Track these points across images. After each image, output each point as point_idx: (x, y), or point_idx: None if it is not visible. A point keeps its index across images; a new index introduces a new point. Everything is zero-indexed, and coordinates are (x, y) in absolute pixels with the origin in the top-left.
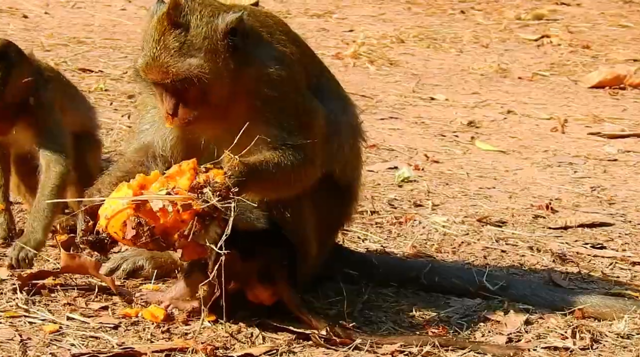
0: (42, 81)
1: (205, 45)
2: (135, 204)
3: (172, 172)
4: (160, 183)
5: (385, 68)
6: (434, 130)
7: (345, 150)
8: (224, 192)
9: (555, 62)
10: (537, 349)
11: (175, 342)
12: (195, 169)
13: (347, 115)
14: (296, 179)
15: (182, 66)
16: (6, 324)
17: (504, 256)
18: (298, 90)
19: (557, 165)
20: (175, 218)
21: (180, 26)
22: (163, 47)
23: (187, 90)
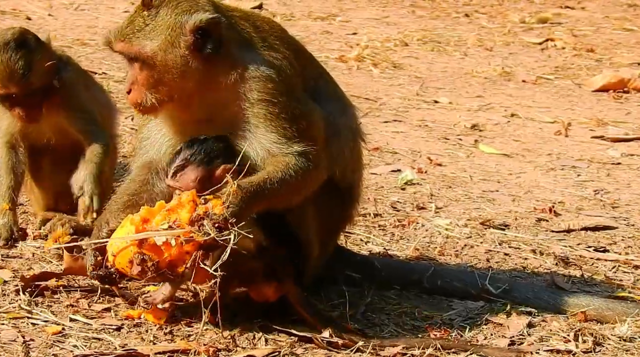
0: (62, 64)
1: (166, 35)
2: (139, 240)
3: (173, 205)
4: (162, 216)
5: (389, 71)
6: (438, 134)
7: (346, 152)
8: (222, 223)
9: (560, 65)
10: (540, 352)
11: (178, 343)
12: (194, 201)
13: (346, 117)
14: (303, 186)
15: (136, 44)
16: (9, 325)
17: (507, 259)
18: (291, 94)
19: (561, 168)
20: (179, 250)
21: (151, 8)
22: (130, 22)
23: (141, 71)
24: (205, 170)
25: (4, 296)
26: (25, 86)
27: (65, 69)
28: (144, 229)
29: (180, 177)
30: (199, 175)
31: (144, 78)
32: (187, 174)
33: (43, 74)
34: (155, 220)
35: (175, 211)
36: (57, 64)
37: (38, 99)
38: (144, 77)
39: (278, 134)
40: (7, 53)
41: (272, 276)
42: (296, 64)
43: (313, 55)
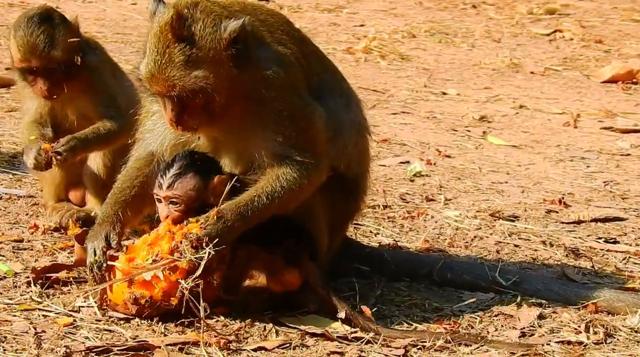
0: (89, 48)
1: (210, 57)
2: (129, 280)
3: (152, 238)
4: (146, 252)
5: (397, 63)
6: (446, 125)
7: (349, 148)
8: (196, 242)
9: (568, 56)
10: (551, 344)
11: (189, 335)
12: (170, 231)
13: (350, 113)
14: (299, 193)
15: (188, 79)
16: (21, 317)
17: (517, 250)
18: (295, 91)
19: (570, 160)
20: (168, 281)
21: (184, 39)
22: (168, 61)
23: (191, 100)
24: (201, 180)
25: (15, 288)
26: (47, 59)
27: (92, 53)
28: (130, 268)
29: (178, 186)
30: (196, 184)
31: (196, 106)
32: (185, 182)
33: (65, 50)
34: (139, 257)
35: (157, 244)
36: (81, 43)
37: (59, 75)
38: (196, 105)
39: (279, 132)
40: (31, 27)
41: (293, 262)
42: (302, 60)
43: (318, 48)
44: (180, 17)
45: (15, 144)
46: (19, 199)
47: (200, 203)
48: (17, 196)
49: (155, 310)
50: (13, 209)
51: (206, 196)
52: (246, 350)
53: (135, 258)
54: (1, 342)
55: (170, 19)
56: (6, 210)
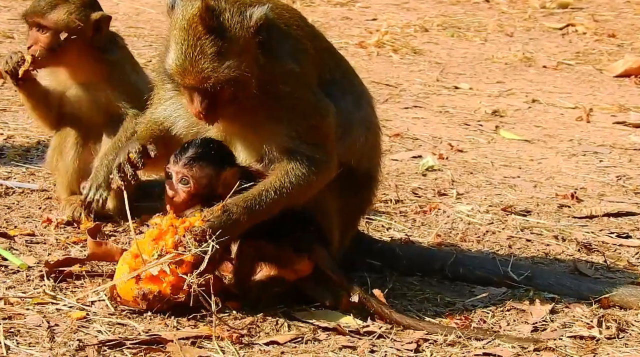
0: (111, 44)
1: (240, 45)
2: (136, 276)
3: (156, 234)
4: (152, 247)
5: (409, 57)
6: (458, 120)
7: (359, 144)
8: (200, 236)
9: (581, 50)
10: (563, 338)
11: (201, 329)
12: (173, 225)
13: (360, 111)
14: (307, 189)
15: (222, 71)
16: (34, 310)
17: (529, 245)
18: (309, 87)
19: (582, 154)
20: (175, 275)
21: (214, 30)
22: (200, 53)
23: (222, 91)
24: (214, 169)
25: (28, 282)
26: (40, 17)
27: (113, 49)
28: (137, 264)
29: (192, 168)
30: (210, 172)
31: (226, 96)
32: (200, 166)
33: (62, 22)
34: (145, 252)
35: (161, 239)
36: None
37: (46, 42)
38: (226, 96)
39: (291, 127)
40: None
41: (302, 249)
42: (315, 56)
43: (331, 44)
44: (209, 8)
45: (29, 138)
46: (32, 193)
47: (209, 191)
48: (30, 189)
49: (165, 304)
50: (26, 202)
51: (216, 185)
52: (258, 344)
53: (141, 253)
54: (14, 335)
55: (199, 10)
56: (19, 204)
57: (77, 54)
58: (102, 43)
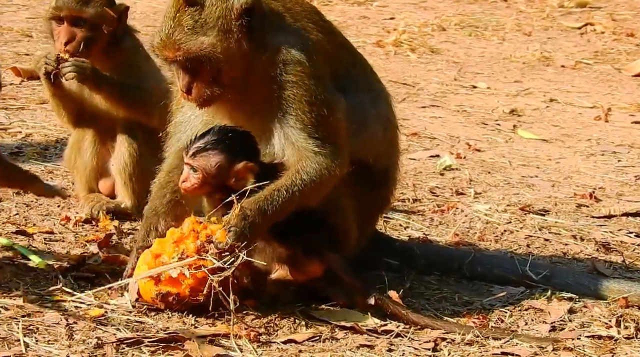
0: (127, 34)
1: (219, 25)
2: (155, 277)
3: (178, 236)
4: (172, 249)
5: (427, 56)
6: (476, 119)
7: (376, 141)
8: (227, 249)
9: (599, 50)
10: (581, 338)
11: (219, 327)
12: (195, 230)
13: (378, 107)
14: (320, 187)
15: (194, 44)
16: (52, 308)
17: (547, 244)
18: (318, 79)
19: (601, 154)
20: (195, 278)
21: (195, 4)
22: (177, 25)
23: (200, 68)
24: (227, 159)
25: (47, 279)
26: (76, 12)
27: (129, 38)
28: (157, 264)
29: (200, 158)
30: (220, 162)
31: (205, 74)
32: (209, 157)
33: (98, 13)
34: (166, 253)
35: (182, 242)
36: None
37: (82, 34)
38: (205, 74)
39: (299, 118)
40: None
41: (313, 252)
42: (328, 48)
43: (347, 40)
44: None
45: (47, 136)
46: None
47: (219, 181)
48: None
49: (183, 305)
50: (44, 201)
51: (227, 176)
52: (276, 342)
53: (162, 254)
54: (33, 333)
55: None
56: (37, 202)
57: (103, 46)
58: (121, 33)
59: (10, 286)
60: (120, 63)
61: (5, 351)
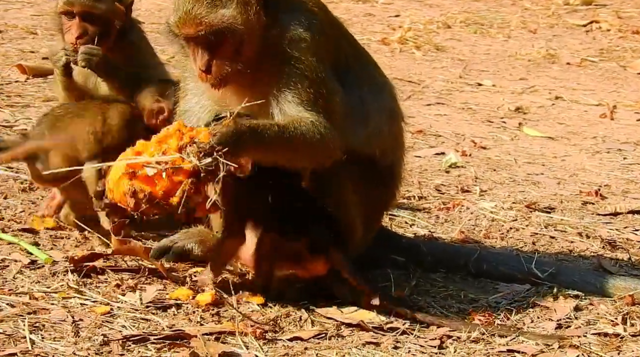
0: (133, 27)
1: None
2: (131, 173)
3: (162, 136)
4: (154, 148)
5: (432, 53)
6: (481, 116)
7: (382, 135)
8: (207, 150)
9: (605, 47)
10: (587, 336)
11: (225, 325)
12: (180, 131)
13: (381, 101)
14: (307, 151)
15: (215, 17)
16: (59, 305)
17: (553, 242)
18: (319, 59)
19: (606, 151)
20: (170, 180)
21: None
22: (196, 1)
23: (220, 44)
24: None
25: (53, 276)
26: (88, 7)
27: (135, 30)
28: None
29: None
30: None
31: (225, 50)
32: None
33: (109, 8)
34: (147, 152)
35: (165, 141)
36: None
37: (94, 28)
38: (225, 49)
39: (298, 92)
40: None
41: (318, 250)
42: (331, 37)
43: (350, 33)
44: None
45: None
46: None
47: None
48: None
49: (152, 208)
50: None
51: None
52: (282, 340)
53: (143, 152)
54: (39, 330)
55: None
56: (43, 199)
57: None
58: (128, 26)
59: (16, 283)
60: (128, 56)
61: (11, 348)
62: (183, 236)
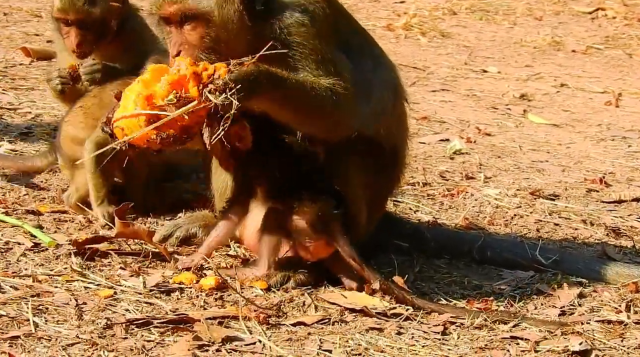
0: (132, 14)
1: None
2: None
3: (174, 79)
4: (166, 91)
5: (437, 40)
6: (486, 103)
7: (388, 109)
8: (221, 87)
9: (610, 35)
10: (591, 323)
11: (228, 309)
12: (196, 73)
13: (382, 74)
14: (319, 115)
15: (190, 2)
16: (62, 288)
17: (557, 229)
18: (322, 40)
19: (611, 139)
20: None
21: None
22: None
23: (193, 30)
24: None
25: (57, 259)
26: (84, 14)
27: (134, 18)
28: (152, 108)
29: None
30: None
31: (197, 38)
32: None
33: (104, 10)
34: (158, 94)
35: (179, 84)
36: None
37: (93, 33)
38: (197, 38)
39: (308, 70)
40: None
41: (321, 232)
42: (330, 15)
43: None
44: None
45: (56, 117)
46: (60, 171)
47: None
48: (58, 168)
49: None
50: (54, 181)
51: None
52: (285, 325)
53: (154, 95)
54: (43, 313)
55: None
56: (47, 182)
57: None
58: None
59: (19, 266)
60: (129, 44)
61: (14, 330)
62: (187, 220)
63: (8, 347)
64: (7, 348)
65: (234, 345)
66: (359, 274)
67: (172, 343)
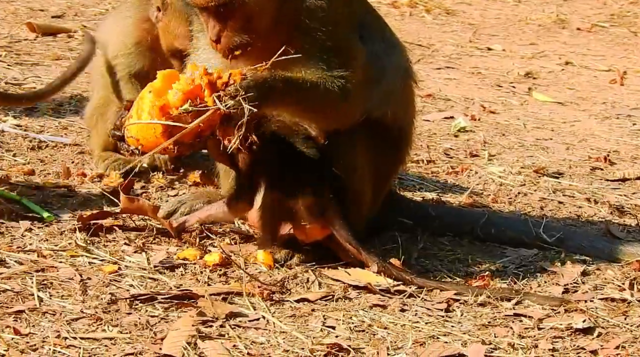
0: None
1: None
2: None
3: (187, 88)
4: (180, 100)
5: (442, 17)
6: (491, 81)
7: (396, 92)
8: (233, 93)
9: (615, 13)
10: (594, 300)
11: (232, 285)
12: (210, 82)
13: (393, 56)
14: (329, 109)
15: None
16: (67, 263)
17: (561, 207)
18: (338, 24)
19: (616, 117)
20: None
21: None
22: None
23: (231, 16)
24: None
25: (61, 235)
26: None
27: None
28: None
29: None
30: None
31: (236, 23)
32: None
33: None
34: (172, 103)
35: (193, 94)
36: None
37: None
38: (236, 22)
39: (319, 59)
40: None
41: (317, 214)
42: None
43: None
44: None
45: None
46: (65, 147)
47: None
48: (62, 143)
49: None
50: (59, 156)
51: None
52: (289, 301)
53: (168, 106)
54: (47, 287)
55: None
56: (52, 158)
57: None
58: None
59: (24, 241)
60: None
61: (19, 304)
62: (191, 196)
63: (13, 321)
64: (12, 322)
65: (237, 321)
66: (356, 257)
67: (176, 318)
